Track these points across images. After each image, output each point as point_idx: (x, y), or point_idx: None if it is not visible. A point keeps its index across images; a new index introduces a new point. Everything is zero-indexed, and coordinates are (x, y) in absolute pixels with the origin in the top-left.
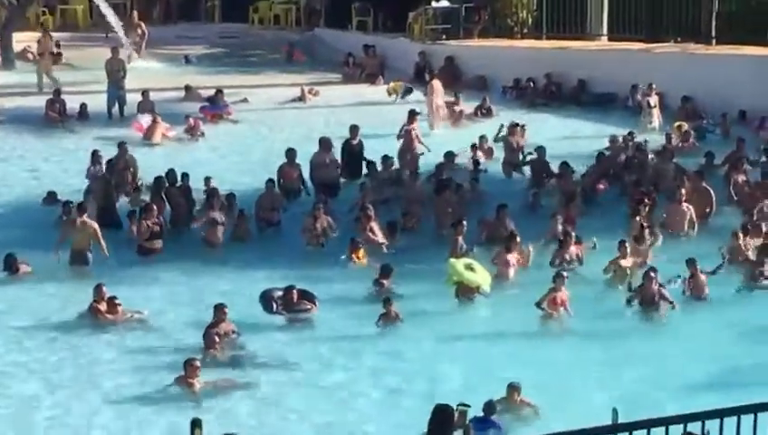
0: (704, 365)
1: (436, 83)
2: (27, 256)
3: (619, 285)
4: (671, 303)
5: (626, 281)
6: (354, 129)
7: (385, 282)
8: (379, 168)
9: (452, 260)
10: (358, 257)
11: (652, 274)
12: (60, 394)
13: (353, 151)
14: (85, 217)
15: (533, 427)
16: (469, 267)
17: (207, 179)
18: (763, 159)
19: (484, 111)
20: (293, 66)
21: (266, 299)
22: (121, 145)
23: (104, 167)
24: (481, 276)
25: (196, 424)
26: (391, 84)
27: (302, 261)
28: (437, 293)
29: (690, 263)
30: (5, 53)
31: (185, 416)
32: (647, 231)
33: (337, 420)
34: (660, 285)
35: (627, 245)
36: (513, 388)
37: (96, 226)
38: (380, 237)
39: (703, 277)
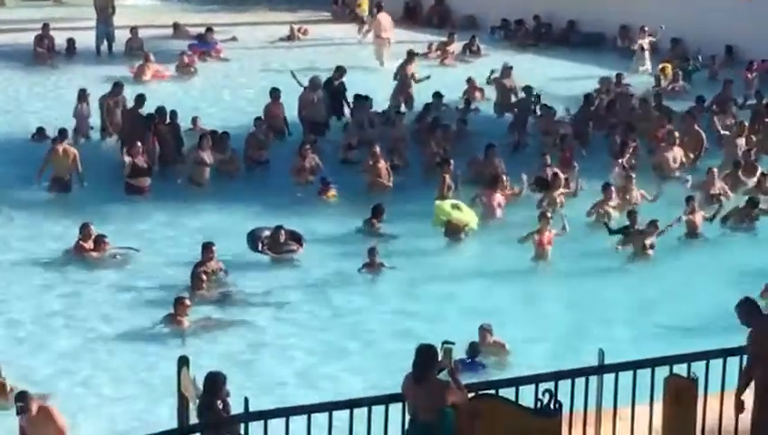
0: (692, 307)
1: (383, 16)
2: (15, 193)
3: (602, 226)
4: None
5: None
6: (339, 69)
7: (375, 221)
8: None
9: (438, 202)
10: (328, 196)
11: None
12: (45, 332)
13: (334, 92)
14: (65, 144)
15: (513, 367)
16: (456, 207)
17: (195, 119)
18: (753, 101)
19: (472, 51)
20: (282, 3)
21: (253, 238)
22: (116, 85)
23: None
24: (468, 216)
25: (183, 362)
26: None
27: (289, 200)
28: (425, 232)
29: (688, 201)
30: None
31: (173, 354)
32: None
33: (322, 359)
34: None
35: (612, 188)
36: (484, 330)
37: (76, 152)
38: (386, 179)
39: (699, 216)
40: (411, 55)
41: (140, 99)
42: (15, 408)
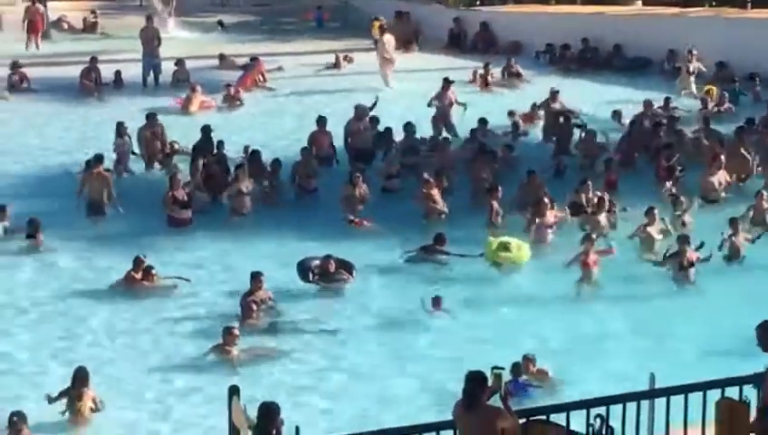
0: (739, 329)
1: (388, 37)
2: (63, 223)
3: (647, 251)
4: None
5: (653, 247)
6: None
7: (437, 247)
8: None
9: (489, 240)
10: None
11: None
12: (97, 364)
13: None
14: (101, 168)
15: (562, 392)
16: (504, 247)
17: (246, 148)
18: None
19: (511, 73)
20: (326, 32)
21: (303, 268)
22: (149, 115)
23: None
24: (517, 253)
25: (233, 391)
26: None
27: (338, 229)
28: (473, 259)
29: (732, 222)
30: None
31: (223, 384)
32: (677, 199)
33: (374, 389)
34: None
35: (655, 212)
36: (527, 359)
37: (110, 177)
38: (441, 205)
39: (742, 239)
40: (448, 82)
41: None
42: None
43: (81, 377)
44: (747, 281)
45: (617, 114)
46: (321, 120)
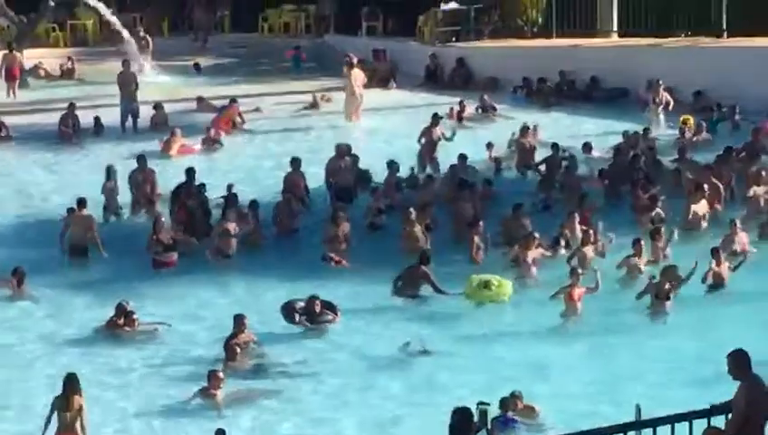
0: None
1: (357, 72)
2: (44, 270)
3: (634, 281)
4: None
5: (638, 278)
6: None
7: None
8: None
9: (470, 278)
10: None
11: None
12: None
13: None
14: (83, 212)
15: (548, 426)
16: (485, 284)
17: (230, 187)
18: None
19: (484, 109)
20: (304, 73)
21: (288, 310)
22: (140, 158)
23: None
24: (498, 291)
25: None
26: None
27: (321, 269)
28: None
29: (714, 252)
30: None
31: (209, 427)
32: (658, 229)
33: (362, 429)
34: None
35: (641, 243)
36: (514, 397)
37: (93, 219)
38: (423, 242)
39: (725, 267)
40: (436, 118)
41: (189, 172)
42: None
43: (72, 384)
44: (731, 309)
45: (586, 147)
46: (295, 162)
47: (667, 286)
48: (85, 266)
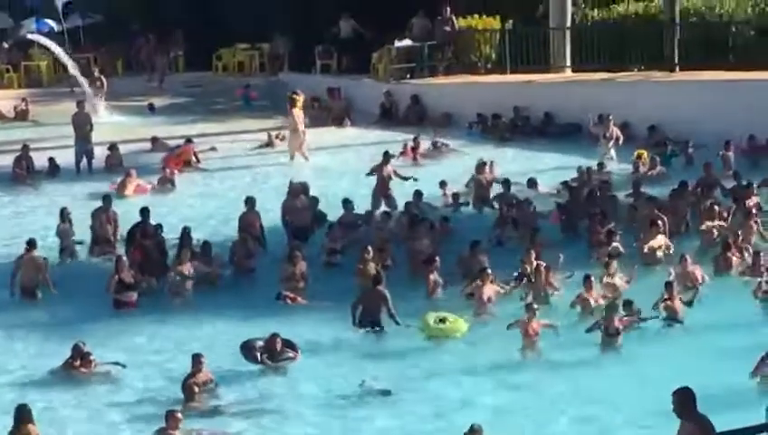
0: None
1: (297, 111)
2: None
3: (587, 317)
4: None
5: (592, 313)
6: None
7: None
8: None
9: (425, 317)
10: (293, 299)
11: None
12: None
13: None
14: (33, 253)
15: None
16: (441, 320)
17: (185, 229)
18: (734, 183)
19: (437, 146)
20: (257, 111)
21: (248, 349)
22: (105, 198)
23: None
24: (453, 326)
25: None
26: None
27: (279, 308)
28: (414, 331)
29: (668, 286)
30: None
31: None
32: (613, 265)
33: None
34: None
35: (591, 279)
36: (474, 431)
37: (42, 261)
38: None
39: (678, 302)
40: (387, 156)
41: (144, 212)
42: None
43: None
44: (686, 342)
45: (531, 183)
46: (250, 201)
47: (616, 322)
48: (39, 308)
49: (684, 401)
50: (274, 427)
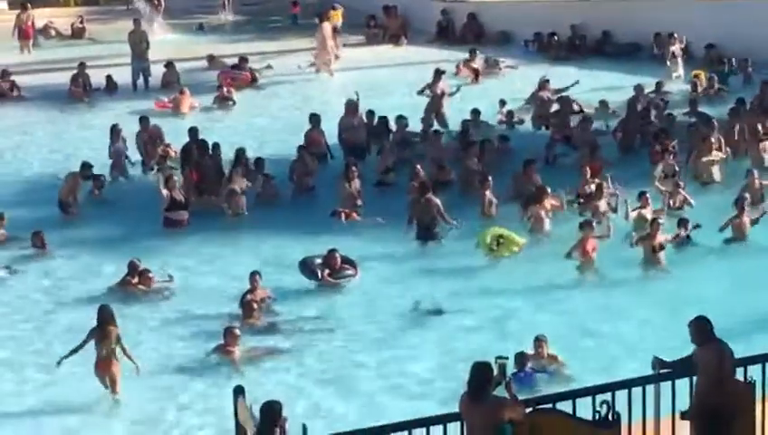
0: (744, 310)
1: (326, 25)
2: (54, 232)
3: (640, 232)
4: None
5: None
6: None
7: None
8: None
9: (481, 234)
10: (352, 219)
11: (660, 221)
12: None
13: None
14: (77, 173)
15: (567, 380)
16: (497, 239)
17: (239, 150)
18: None
19: (491, 64)
20: (309, 29)
21: (307, 266)
22: (143, 119)
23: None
24: (509, 246)
25: (239, 392)
26: None
27: (337, 226)
28: (469, 250)
29: (737, 203)
30: None
31: (227, 384)
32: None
33: (379, 385)
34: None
35: (647, 195)
36: (539, 340)
37: (79, 182)
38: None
39: (746, 220)
40: (438, 73)
41: (192, 132)
42: None
43: (105, 315)
44: (751, 261)
45: (603, 104)
46: (315, 118)
47: (658, 239)
48: (90, 225)
49: (701, 329)
50: (332, 344)
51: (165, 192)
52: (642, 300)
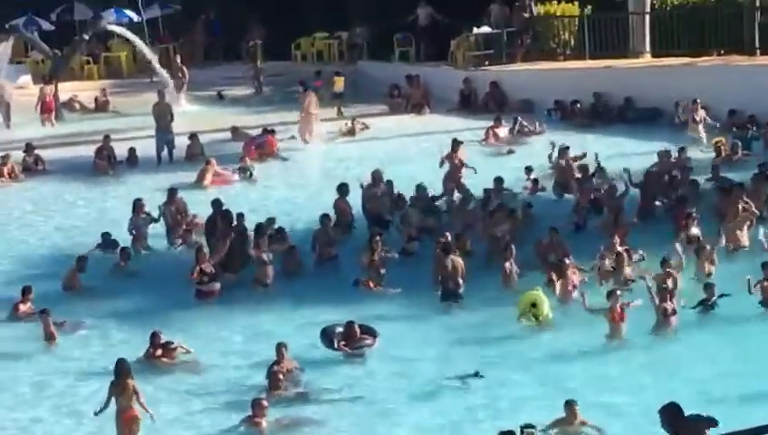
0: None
1: (311, 95)
2: (82, 302)
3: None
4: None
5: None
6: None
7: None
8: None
9: (521, 297)
10: (371, 286)
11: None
12: None
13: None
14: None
15: None
16: (532, 305)
17: (269, 220)
18: None
19: (518, 131)
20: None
21: (327, 336)
22: (171, 191)
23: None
24: (542, 308)
25: None
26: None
27: (360, 295)
28: (495, 319)
29: (765, 266)
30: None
31: None
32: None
33: None
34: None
35: (671, 262)
36: (570, 405)
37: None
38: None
39: None
40: (456, 143)
41: (216, 204)
42: None
43: (122, 369)
44: None
45: (626, 172)
46: (343, 188)
47: (667, 304)
48: (121, 297)
49: (669, 417)
50: (360, 413)
51: (197, 267)
52: (680, 364)
